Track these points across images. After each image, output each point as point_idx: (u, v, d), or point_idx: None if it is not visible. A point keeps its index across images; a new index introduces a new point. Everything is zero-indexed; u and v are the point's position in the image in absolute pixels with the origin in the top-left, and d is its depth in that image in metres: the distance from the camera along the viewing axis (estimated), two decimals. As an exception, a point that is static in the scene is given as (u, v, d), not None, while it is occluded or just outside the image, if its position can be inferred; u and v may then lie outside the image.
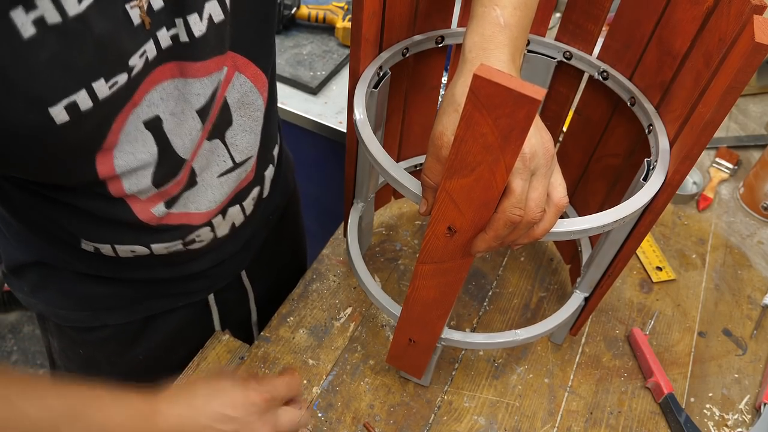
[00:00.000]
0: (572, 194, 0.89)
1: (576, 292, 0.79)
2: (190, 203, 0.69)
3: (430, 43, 0.76)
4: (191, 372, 0.79)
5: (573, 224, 0.56)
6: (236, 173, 0.72)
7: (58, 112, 0.48)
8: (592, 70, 0.74)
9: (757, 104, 1.31)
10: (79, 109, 0.49)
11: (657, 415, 0.81)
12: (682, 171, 0.59)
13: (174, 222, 0.69)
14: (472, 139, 0.46)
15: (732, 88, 0.52)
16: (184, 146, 0.63)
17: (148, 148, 0.59)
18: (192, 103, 0.60)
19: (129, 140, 0.57)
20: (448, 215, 0.53)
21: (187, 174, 0.66)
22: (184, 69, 0.58)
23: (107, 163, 0.57)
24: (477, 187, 0.50)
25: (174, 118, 0.60)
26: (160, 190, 0.64)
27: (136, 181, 0.61)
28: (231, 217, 0.76)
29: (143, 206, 0.64)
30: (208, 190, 0.70)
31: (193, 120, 0.62)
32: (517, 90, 0.42)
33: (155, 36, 0.53)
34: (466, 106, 0.44)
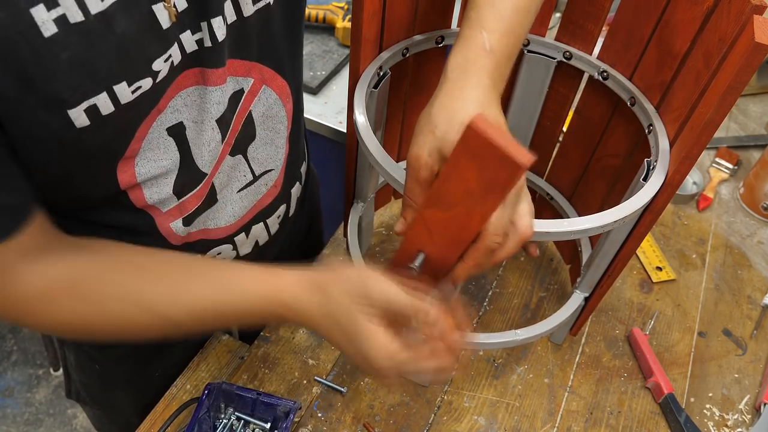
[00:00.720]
0: (572, 194, 0.89)
1: (576, 292, 0.79)
2: (209, 220, 0.68)
3: (430, 43, 0.76)
4: (191, 372, 0.79)
5: (573, 224, 0.56)
6: (255, 186, 0.71)
7: (77, 115, 0.47)
8: (592, 70, 0.74)
9: (757, 104, 1.31)
10: (100, 113, 0.48)
11: (657, 415, 0.81)
12: (682, 171, 0.59)
13: (193, 239, 0.68)
14: (456, 180, 0.47)
15: (732, 88, 0.52)
16: (203, 158, 0.62)
17: (170, 155, 0.59)
18: (211, 112, 0.59)
19: (151, 147, 0.56)
20: (420, 240, 0.54)
21: (207, 189, 0.65)
22: (206, 76, 0.56)
23: (128, 171, 0.56)
24: (452, 225, 0.50)
25: (196, 126, 0.59)
26: (180, 201, 0.63)
27: (158, 189, 0.60)
28: (254, 236, 0.75)
29: (164, 219, 0.64)
30: (228, 206, 0.69)
31: (212, 130, 0.61)
32: (505, 150, 0.41)
33: (179, 39, 0.52)
34: (457, 148, 0.45)
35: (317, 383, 0.80)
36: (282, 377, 0.80)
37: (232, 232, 0.72)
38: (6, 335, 1.86)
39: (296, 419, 0.76)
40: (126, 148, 0.54)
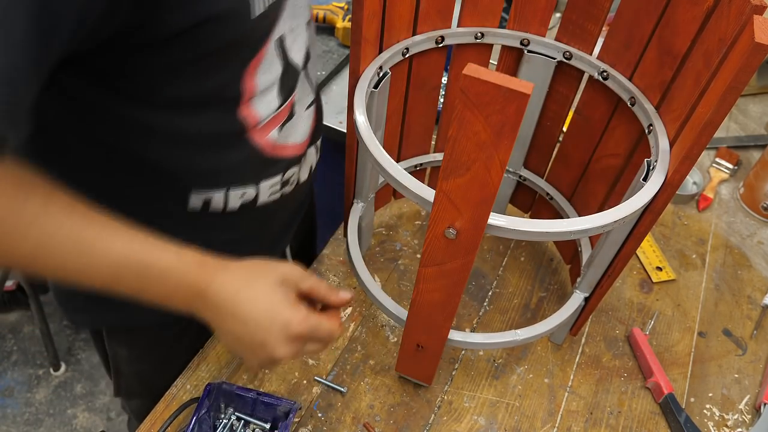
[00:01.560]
0: (572, 194, 0.89)
1: (576, 292, 0.79)
2: (291, 135, 0.72)
3: (430, 43, 0.76)
4: (191, 372, 0.79)
5: (573, 224, 0.56)
6: (314, 107, 0.76)
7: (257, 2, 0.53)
8: (592, 70, 0.74)
9: (757, 104, 1.31)
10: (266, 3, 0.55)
11: (657, 415, 0.81)
12: (682, 171, 0.59)
13: (279, 154, 0.71)
14: (465, 138, 0.47)
15: (732, 88, 0.52)
16: (299, 60, 0.67)
17: (276, 66, 0.63)
18: (303, 15, 0.65)
19: (268, 58, 0.61)
20: (448, 216, 0.54)
21: (296, 95, 0.70)
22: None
23: (252, 79, 0.61)
24: (473, 186, 0.50)
25: (292, 34, 0.64)
26: (280, 110, 0.67)
27: (266, 103, 0.65)
28: (309, 159, 0.79)
29: (261, 133, 0.67)
30: (300, 122, 0.73)
31: (304, 33, 0.67)
32: (506, 86, 0.42)
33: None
34: (457, 106, 0.45)
35: (317, 383, 0.80)
36: (282, 377, 0.80)
37: (302, 151, 0.76)
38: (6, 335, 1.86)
39: (296, 419, 0.76)
40: (258, 51, 0.60)
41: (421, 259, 0.59)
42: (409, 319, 0.69)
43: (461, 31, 0.77)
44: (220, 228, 0.73)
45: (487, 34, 0.78)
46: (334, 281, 0.91)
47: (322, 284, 0.63)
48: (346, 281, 0.91)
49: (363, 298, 0.89)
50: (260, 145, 0.67)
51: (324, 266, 0.93)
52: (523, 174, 0.93)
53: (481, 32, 0.77)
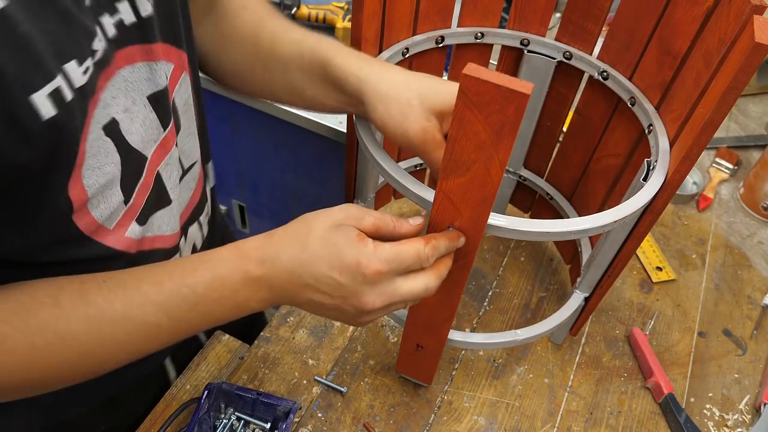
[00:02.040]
0: (572, 194, 0.89)
1: (576, 292, 0.79)
2: (162, 222, 0.63)
3: (430, 43, 0.76)
4: (191, 372, 0.79)
5: (573, 224, 0.56)
6: (186, 180, 0.67)
7: (42, 102, 0.40)
8: (592, 70, 0.74)
9: (757, 104, 1.31)
10: (64, 100, 0.42)
11: (657, 415, 0.81)
12: (682, 171, 0.59)
13: (147, 247, 0.62)
14: (465, 138, 0.47)
15: (732, 88, 0.52)
16: (143, 141, 0.55)
17: (111, 157, 0.51)
18: (141, 89, 0.53)
19: (93, 152, 0.49)
20: (448, 216, 0.54)
21: (152, 178, 0.59)
22: (129, 55, 0.51)
23: (78, 184, 0.49)
24: (473, 186, 0.50)
25: (127, 115, 0.52)
26: (129, 205, 0.56)
27: (106, 203, 0.53)
28: (192, 238, 0.71)
29: (117, 236, 0.57)
30: (171, 202, 0.64)
31: (145, 108, 0.55)
32: (506, 86, 0.42)
33: (100, 23, 0.47)
34: (457, 106, 0.45)
35: (317, 383, 0.80)
36: (282, 377, 0.80)
37: (178, 237, 0.66)
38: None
39: (296, 419, 0.76)
40: (77, 152, 0.47)
41: None
42: (408, 319, 0.69)
43: (461, 31, 0.77)
44: None
45: (487, 34, 0.78)
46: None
47: (386, 217, 0.54)
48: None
49: (363, 298, 0.89)
50: (121, 248, 0.57)
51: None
52: (522, 174, 0.93)
53: (481, 32, 0.77)
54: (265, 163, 1.38)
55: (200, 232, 0.73)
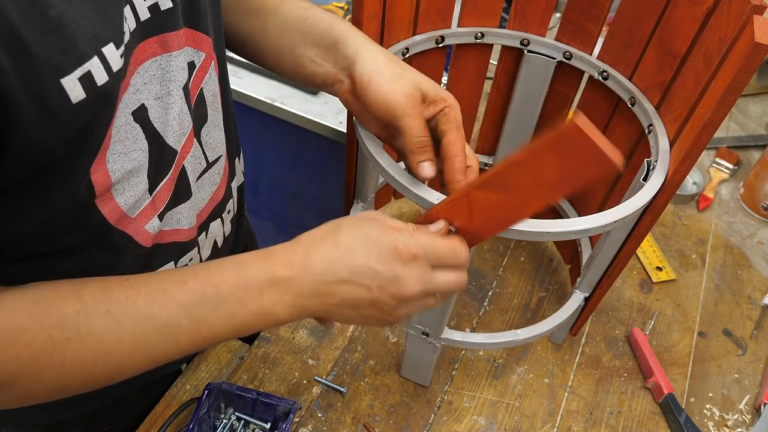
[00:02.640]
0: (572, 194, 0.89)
1: (576, 292, 0.79)
2: (181, 216, 0.62)
3: (430, 43, 0.76)
4: (191, 372, 0.79)
5: (573, 224, 0.56)
6: (210, 175, 0.65)
7: (72, 85, 0.40)
8: (592, 70, 0.74)
9: (757, 104, 1.31)
10: (96, 84, 0.41)
11: (657, 415, 0.81)
12: (682, 171, 0.59)
13: (166, 240, 0.61)
14: (527, 167, 0.46)
15: (732, 88, 0.52)
16: (174, 134, 0.55)
17: (139, 144, 0.51)
18: (177, 80, 0.53)
19: (120, 137, 0.49)
20: (456, 215, 0.53)
21: (178, 173, 0.59)
22: (166, 42, 0.51)
23: (101, 169, 0.49)
24: (503, 207, 0.50)
25: (159, 103, 0.52)
26: (153, 196, 0.56)
27: (131, 190, 0.53)
28: (213, 234, 0.70)
29: (137, 227, 0.56)
30: (193, 196, 0.63)
31: (180, 100, 0.54)
32: (606, 153, 0.41)
33: (132, 3, 0.46)
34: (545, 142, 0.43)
35: (317, 383, 0.80)
36: (282, 377, 0.80)
37: (196, 231, 0.66)
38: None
39: (296, 419, 0.76)
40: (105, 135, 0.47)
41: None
42: None
43: (461, 31, 0.77)
44: None
45: (487, 34, 0.78)
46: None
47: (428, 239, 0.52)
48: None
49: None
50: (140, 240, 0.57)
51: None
52: (523, 174, 0.93)
53: (481, 32, 0.77)
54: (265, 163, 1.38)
55: (222, 229, 0.71)
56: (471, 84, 0.85)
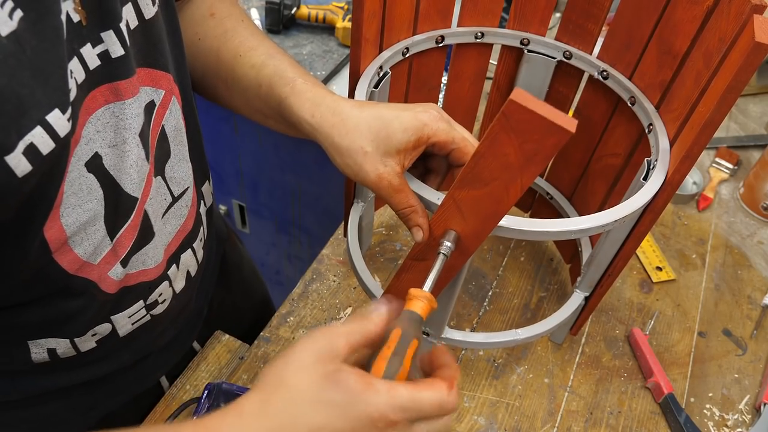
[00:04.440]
0: (572, 194, 0.89)
1: (576, 291, 0.79)
2: (146, 257, 0.60)
3: (430, 42, 0.76)
4: (191, 372, 0.79)
5: (574, 224, 0.56)
6: (176, 209, 0.63)
7: (17, 162, 0.38)
8: (592, 69, 0.74)
9: (757, 104, 1.31)
10: (41, 153, 0.40)
11: (657, 415, 0.81)
12: (683, 170, 0.59)
13: (132, 282, 0.60)
14: (492, 156, 0.46)
15: (732, 88, 0.52)
16: (132, 181, 0.53)
17: (93, 194, 0.49)
18: (132, 127, 0.51)
19: (74, 190, 0.47)
20: (450, 221, 0.53)
21: (140, 218, 0.57)
22: (118, 90, 0.49)
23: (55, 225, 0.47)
24: (487, 201, 0.50)
25: (114, 150, 0.50)
26: (114, 241, 0.54)
27: (89, 239, 0.51)
28: (185, 266, 0.68)
29: (100, 273, 0.54)
30: (157, 235, 0.61)
31: (137, 147, 0.52)
32: (551, 120, 0.41)
33: (80, 54, 0.45)
34: (494, 126, 0.44)
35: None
36: (282, 377, 0.79)
37: (165, 266, 0.64)
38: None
39: (296, 419, 0.76)
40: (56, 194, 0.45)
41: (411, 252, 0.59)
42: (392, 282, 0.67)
43: (461, 31, 0.77)
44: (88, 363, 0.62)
45: (487, 34, 0.78)
46: (334, 281, 0.91)
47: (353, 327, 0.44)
48: (346, 281, 0.91)
49: (363, 298, 0.89)
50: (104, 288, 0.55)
51: (324, 266, 0.93)
52: (523, 174, 0.93)
53: (481, 32, 0.77)
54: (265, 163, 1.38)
55: (194, 258, 0.69)
56: (471, 84, 0.85)
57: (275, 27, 1.25)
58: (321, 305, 0.88)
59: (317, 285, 0.90)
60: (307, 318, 0.86)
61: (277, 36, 1.27)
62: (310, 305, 0.88)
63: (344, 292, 0.90)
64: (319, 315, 0.87)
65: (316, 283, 0.91)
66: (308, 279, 0.91)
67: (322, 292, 0.89)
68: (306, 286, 0.90)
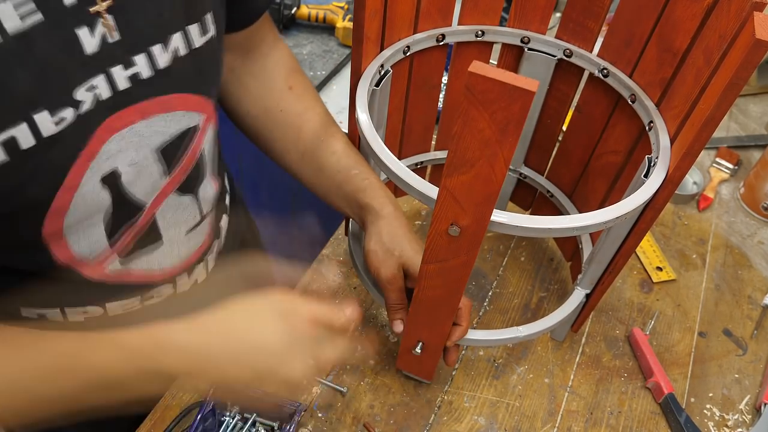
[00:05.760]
0: (572, 192, 0.89)
1: (577, 288, 0.79)
2: (155, 262, 0.63)
3: (430, 41, 0.76)
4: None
5: (576, 220, 0.56)
6: (202, 226, 0.68)
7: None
8: (593, 67, 0.74)
9: (757, 104, 1.31)
10: (19, 148, 0.43)
11: (657, 415, 0.81)
12: (683, 168, 0.59)
13: (134, 281, 0.63)
14: (470, 135, 0.47)
15: (733, 85, 0.52)
16: (145, 191, 0.57)
17: (103, 205, 0.53)
18: (153, 144, 0.55)
19: (85, 200, 0.51)
20: (451, 213, 0.54)
21: (146, 223, 0.60)
22: (144, 109, 0.52)
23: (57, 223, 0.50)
24: (477, 183, 0.50)
25: (133, 168, 0.54)
26: (113, 241, 0.57)
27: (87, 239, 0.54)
28: (195, 275, 0.72)
29: (94, 268, 0.58)
30: (175, 247, 0.65)
31: (155, 163, 0.56)
32: (511, 83, 0.42)
33: (109, 73, 0.48)
34: (463, 104, 0.45)
35: (317, 383, 0.79)
36: (282, 376, 0.79)
37: (176, 273, 0.68)
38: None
39: (296, 418, 0.76)
40: (53, 197, 0.48)
41: (423, 256, 0.59)
42: (410, 317, 0.68)
43: (462, 29, 0.77)
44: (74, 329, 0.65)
45: (487, 32, 0.78)
46: (334, 281, 0.91)
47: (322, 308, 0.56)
48: (347, 281, 0.91)
49: (363, 298, 0.89)
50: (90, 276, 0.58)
51: (324, 266, 0.92)
52: (523, 172, 0.93)
53: (482, 30, 0.77)
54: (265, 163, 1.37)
55: (205, 269, 0.74)
56: (471, 83, 0.85)
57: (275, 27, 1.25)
58: (321, 305, 0.87)
59: (317, 285, 0.90)
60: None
61: (277, 36, 1.26)
62: (310, 305, 0.87)
63: (344, 292, 0.90)
64: (318, 314, 0.86)
65: (316, 283, 0.90)
66: (308, 279, 0.91)
67: (322, 292, 0.89)
68: (306, 286, 0.90)
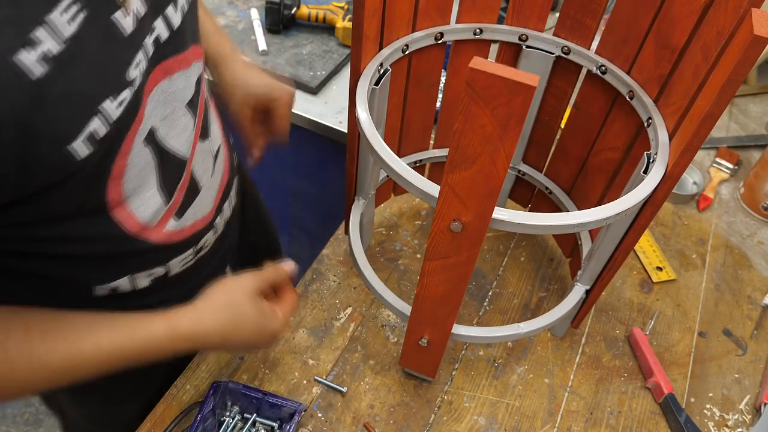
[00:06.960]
0: (571, 188, 0.89)
1: (577, 284, 0.78)
2: (199, 212, 0.68)
3: (429, 39, 0.76)
4: (191, 372, 0.78)
5: (576, 217, 0.56)
6: (217, 165, 0.72)
7: (79, 148, 0.46)
8: (591, 64, 0.74)
9: (757, 104, 1.31)
10: (97, 138, 0.47)
11: (657, 415, 0.80)
12: (682, 164, 0.59)
13: (186, 235, 0.68)
14: (471, 131, 0.47)
15: (731, 81, 0.52)
16: (181, 146, 0.61)
17: (150, 163, 0.57)
18: (181, 98, 0.59)
19: (134, 163, 0.55)
20: (453, 209, 0.53)
21: (188, 178, 0.65)
22: (167, 67, 0.56)
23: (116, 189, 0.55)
24: (479, 178, 0.50)
25: (165, 122, 0.58)
26: (170, 203, 0.62)
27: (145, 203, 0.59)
28: (224, 214, 0.76)
29: (157, 232, 0.63)
30: (210, 192, 0.70)
31: (184, 116, 0.61)
32: (512, 79, 0.42)
33: (143, 45, 0.51)
34: (464, 100, 0.45)
35: (317, 383, 0.79)
36: (282, 377, 0.79)
37: (212, 216, 0.73)
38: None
39: (295, 418, 0.75)
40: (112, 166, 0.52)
41: (426, 253, 0.59)
42: (413, 313, 0.68)
43: (460, 28, 0.77)
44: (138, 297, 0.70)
45: (485, 30, 0.78)
46: (334, 281, 0.90)
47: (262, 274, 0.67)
48: (346, 281, 0.91)
49: (363, 298, 0.89)
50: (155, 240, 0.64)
51: (324, 266, 0.92)
52: (522, 169, 0.93)
53: (480, 28, 0.77)
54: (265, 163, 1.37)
55: (230, 206, 0.79)
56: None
57: (275, 27, 1.25)
58: (321, 305, 0.87)
59: (317, 285, 0.90)
60: (308, 318, 0.86)
61: (277, 36, 1.27)
62: (310, 305, 0.87)
63: (344, 292, 0.89)
64: (319, 315, 0.86)
65: (316, 283, 0.90)
66: (308, 279, 0.91)
67: (322, 292, 0.89)
68: (306, 286, 0.90)
